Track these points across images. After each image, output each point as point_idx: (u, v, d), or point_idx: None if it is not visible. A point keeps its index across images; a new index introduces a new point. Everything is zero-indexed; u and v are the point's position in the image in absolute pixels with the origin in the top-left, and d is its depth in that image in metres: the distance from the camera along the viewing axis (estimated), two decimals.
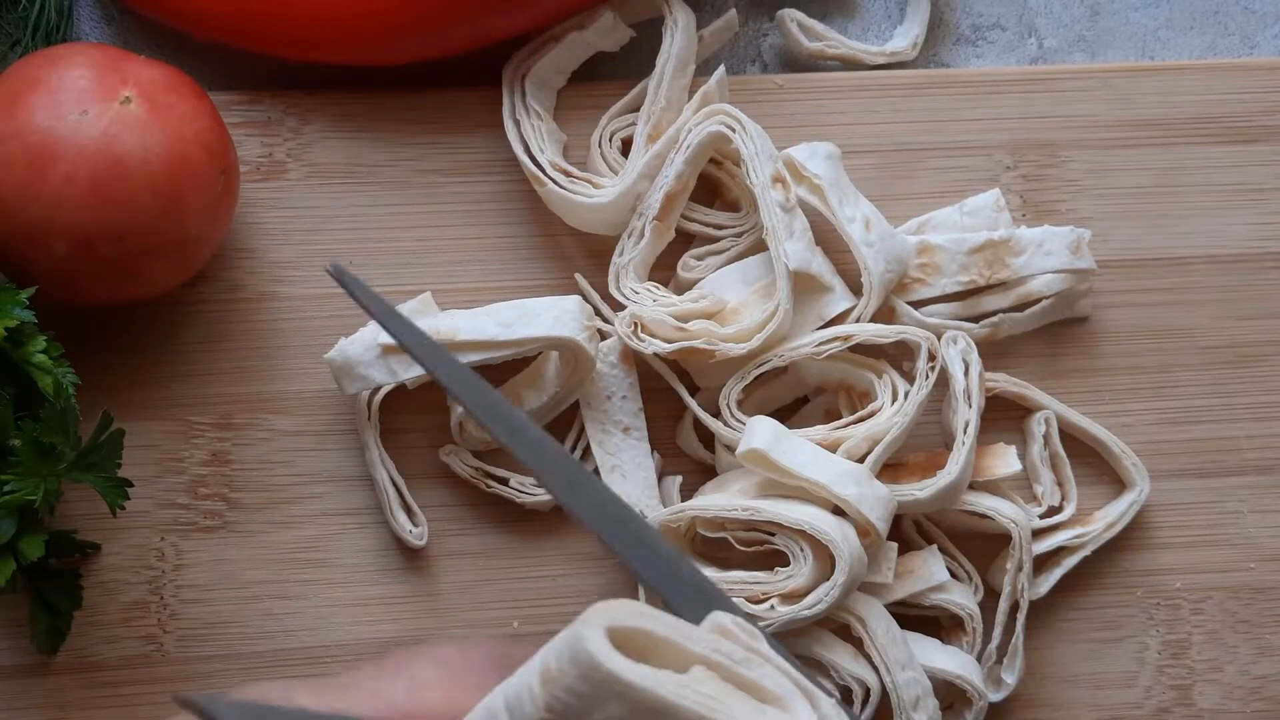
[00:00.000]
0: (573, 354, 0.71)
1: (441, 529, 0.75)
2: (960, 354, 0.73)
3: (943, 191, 0.77)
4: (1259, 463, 0.78)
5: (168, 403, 0.74)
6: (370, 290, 0.57)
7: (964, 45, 0.81)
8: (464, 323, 0.71)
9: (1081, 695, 0.77)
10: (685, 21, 0.74)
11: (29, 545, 0.66)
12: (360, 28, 0.73)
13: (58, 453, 0.65)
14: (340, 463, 0.74)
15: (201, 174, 0.68)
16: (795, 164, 0.73)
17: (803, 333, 0.72)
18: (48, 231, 0.66)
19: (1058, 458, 0.77)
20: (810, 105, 0.77)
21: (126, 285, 0.69)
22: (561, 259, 0.76)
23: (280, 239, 0.75)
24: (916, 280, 0.75)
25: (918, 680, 0.71)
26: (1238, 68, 0.80)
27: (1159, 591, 0.78)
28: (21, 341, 0.66)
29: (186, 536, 0.73)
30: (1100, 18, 0.82)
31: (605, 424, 0.74)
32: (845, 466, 0.70)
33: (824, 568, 0.69)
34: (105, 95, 0.66)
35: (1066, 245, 0.75)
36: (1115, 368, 0.78)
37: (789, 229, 0.71)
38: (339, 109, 0.75)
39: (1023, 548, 0.73)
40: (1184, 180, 0.79)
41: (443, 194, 0.76)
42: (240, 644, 0.73)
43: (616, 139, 0.75)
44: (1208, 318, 0.78)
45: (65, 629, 0.71)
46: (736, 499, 0.70)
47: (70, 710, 0.72)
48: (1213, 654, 0.78)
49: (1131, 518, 0.76)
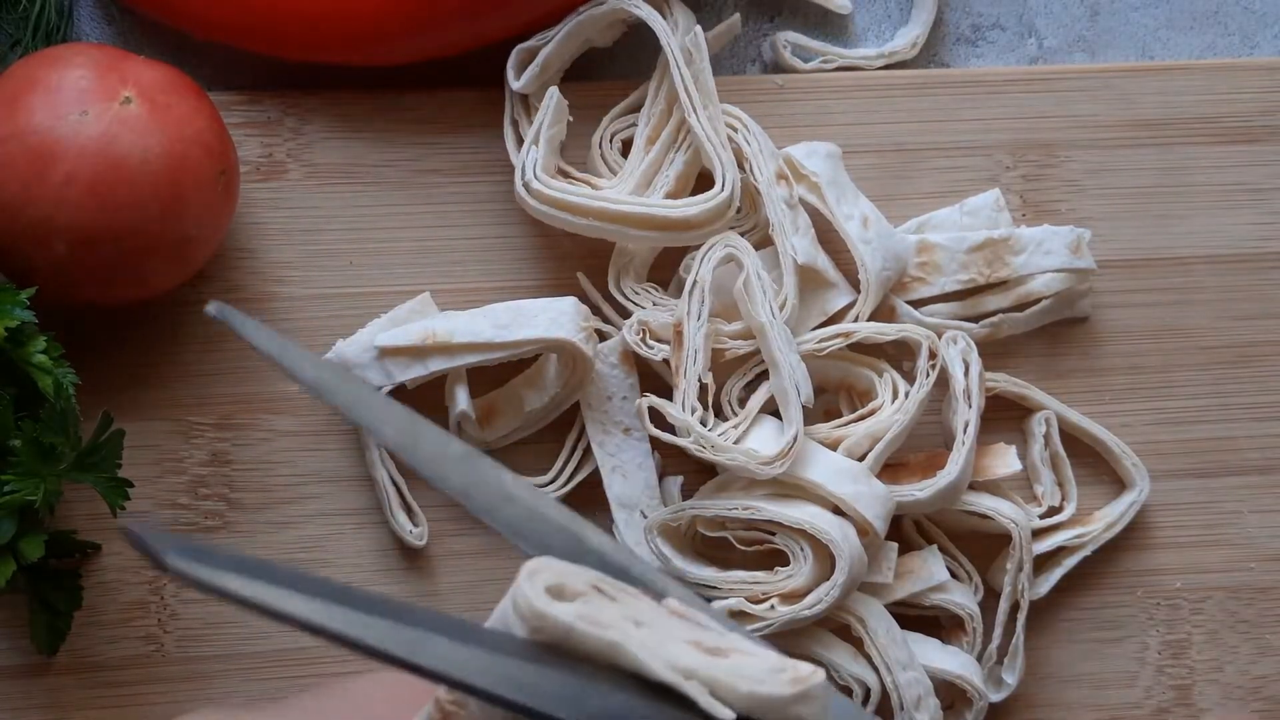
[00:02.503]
0: (570, 355, 0.71)
1: (441, 529, 0.75)
2: (960, 354, 0.73)
3: (943, 191, 0.78)
4: (1259, 463, 0.78)
5: (168, 403, 0.74)
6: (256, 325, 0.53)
7: (964, 45, 0.81)
8: (460, 324, 0.71)
9: (1081, 695, 0.77)
10: (685, 23, 0.73)
11: (29, 545, 0.66)
12: (360, 28, 0.73)
13: (58, 453, 0.65)
14: (340, 463, 0.74)
15: (201, 174, 0.68)
16: (794, 162, 0.73)
17: (805, 328, 0.73)
18: (48, 231, 0.66)
19: (1058, 458, 0.77)
20: (810, 105, 0.77)
21: (126, 285, 0.69)
22: (561, 259, 0.76)
23: (280, 239, 0.75)
24: (916, 279, 0.75)
25: (919, 680, 0.71)
26: (1238, 68, 0.80)
27: (1159, 591, 0.78)
28: (21, 341, 0.66)
29: (187, 537, 0.73)
30: (1100, 18, 0.82)
31: (606, 424, 0.74)
32: (843, 465, 0.70)
33: (824, 567, 0.69)
34: (105, 95, 0.66)
35: (1066, 245, 0.75)
36: (1115, 368, 0.78)
37: (794, 224, 0.71)
38: (339, 109, 0.75)
39: (1023, 548, 0.73)
40: (1184, 180, 0.79)
41: (442, 194, 0.76)
42: (240, 644, 0.73)
43: (617, 140, 0.75)
44: (1208, 318, 0.78)
45: (65, 629, 0.71)
46: (737, 498, 0.70)
47: (70, 710, 0.72)
48: (1213, 654, 0.78)
49: (1131, 518, 0.76)
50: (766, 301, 0.70)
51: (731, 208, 0.72)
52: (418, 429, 0.53)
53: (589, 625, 0.45)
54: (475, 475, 0.53)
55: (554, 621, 0.45)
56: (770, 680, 0.46)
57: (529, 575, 0.46)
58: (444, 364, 0.71)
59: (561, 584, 0.47)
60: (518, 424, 0.74)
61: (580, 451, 0.75)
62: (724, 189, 0.71)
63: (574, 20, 0.73)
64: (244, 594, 0.42)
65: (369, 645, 0.44)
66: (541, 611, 0.45)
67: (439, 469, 0.53)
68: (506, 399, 0.74)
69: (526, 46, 0.74)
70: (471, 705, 0.47)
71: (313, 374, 0.52)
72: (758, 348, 0.71)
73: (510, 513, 0.53)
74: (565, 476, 0.74)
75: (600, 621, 0.46)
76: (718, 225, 0.72)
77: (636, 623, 0.47)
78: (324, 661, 0.73)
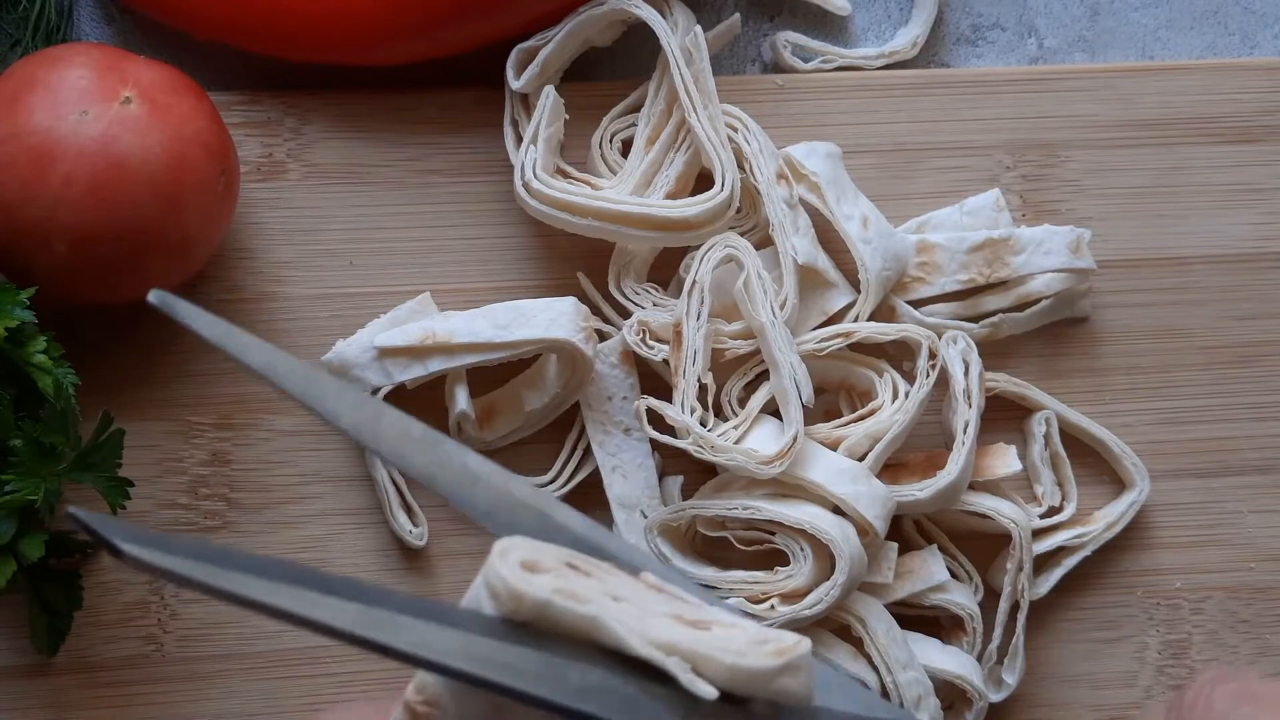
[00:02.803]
0: (570, 355, 0.71)
1: (441, 529, 0.75)
2: (960, 354, 0.73)
3: (943, 191, 0.78)
4: (1259, 463, 0.78)
5: (168, 403, 0.74)
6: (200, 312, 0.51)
7: (964, 45, 0.81)
8: (460, 324, 0.71)
9: (1081, 695, 0.77)
10: (685, 23, 0.73)
11: (29, 545, 0.66)
12: (360, 28, 0.73)
13: (58, 453, 0.65)
14: (340, 463, 0.74)
15: (201, 174, 0.68)
16: (794, 162, 0.73)
17: (805, 328, 0.73)
18: (48, 231, 0.66)
19: (1058, 458, 0.77)
20: (810, 105, 0.77)
21: (126, 285, 0.69)
22: (561, 259, 0.76)
23: (280, 239, 0.75)
24: (916, 279, 0.75)
25: (919, 680, 0.71)
26: (1238, 68, 0.80)
27: (1159, 591, 0.78)
28: (21, 341, 0.66)
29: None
30: (1100, 18, 0.82)
31: (606, 425, 0.74)
32: (843, 464, 0.70)
33: (824, 567, 0.69)
34: (105, 95, 0.66)
35: (1066, 245, 0.75)
36: (1115, 368, 0.78)
37: (794, 224, 0.72)
38: (339, 109, 0.75)
39: (1023, 548, 0.73)
40: (1184, 180, 0.79)
41: (442, 194, 0.76)
42: (240, 644, 0.73)
43: (617, 140, 0.75)
44: (1208, 318, 0.78)
45: (65, 629, 0.71)
46: (737, 498, 0.70)
47: (70, 710, 0.72)
48: (1213, 654, 0.78)
49: (1131, 518, 0.76)
50: (766, 301, 0.70)
51: (731, 208, 0.72)
52: (378, 412, 0.53)
53: (566, 600, 0.45)
54: (437, 456, 0.53)
55: (530, 598, 0.44)
56: (753, 653, 0.45)
57: (501, 554, 0.45)
58: (444, 364, 0.71)
59: (535, 560, 0.46)
60: (518, 424, 0.74)
61: (580, 451, 0.75)
62: (724, 189, 0.71)
63: (574, 20, 0.73)
64: (205, 580, 0.42)
65: (340, 630, 0.43)
66: (516, 589, 0.44)
67: (400, 450, 0.53)
68: (506, 399, 0.74)
69: (526, 46, 0.74)
70: (445, 703, 0.46)
71: (261, 360, 0.51)
72: (758, 348, 0.71)
73: (477, 494, 0.53)
74: (565, 476, 0.74)
75: (577, 596, 0.45)
76: (718, 225, 0.72)
77: (614, 598, 0.46)
78: (323, 661, 0.73)
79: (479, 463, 0.53)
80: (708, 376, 0.70)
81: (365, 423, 0.52)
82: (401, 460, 0.53)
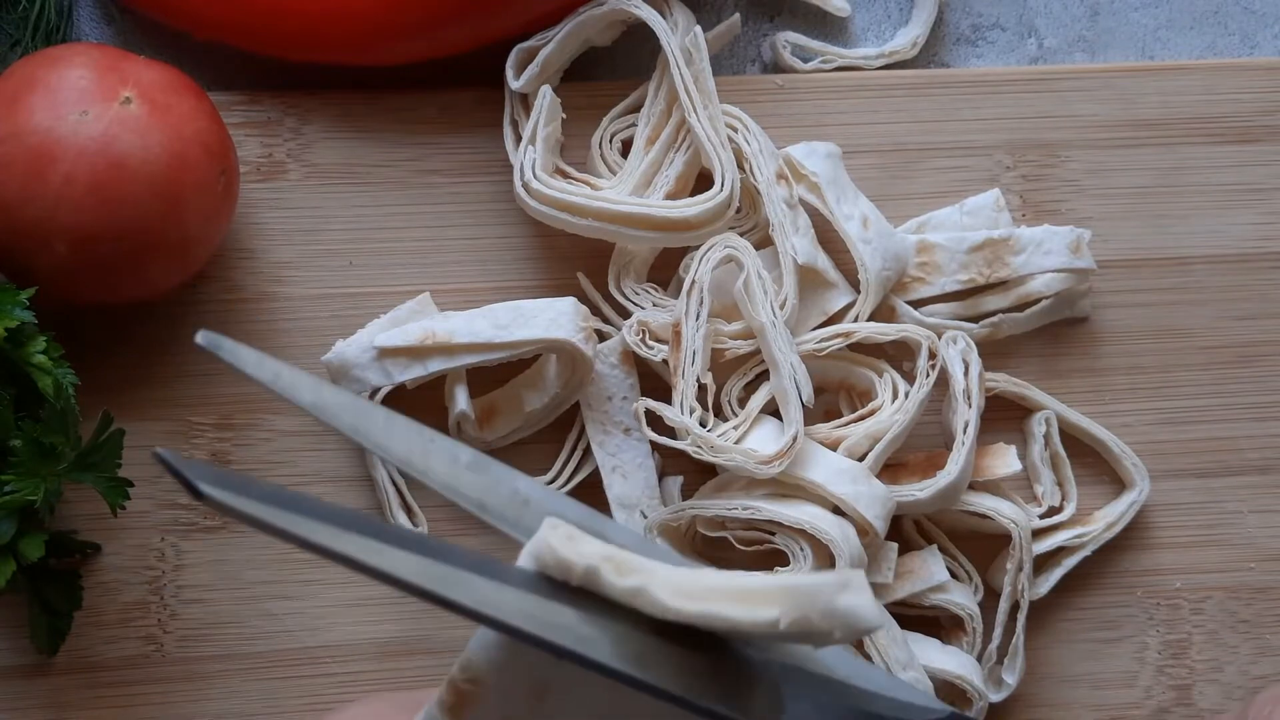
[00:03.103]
0: (570, 356, 0.71)
1: (441, 529, 0.75)
2: (960, 354, 0.73)
3: (943, 191, 0.78)
4: (1259, 463, 0.78)
5: (168, 403, 0.74)
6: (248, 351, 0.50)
7: (964, 45, 0.81)
8: (460, 324, 0.71)
9: (1081, 695, 0.77)
10: (685, 23, 0.74)
11: (29, 545, 0.66)
12: (360, 28, 0.73)
13: (58, 453, 0.65)
14: (340, 463, 0.74)
15: (201, 174, 0.68)
16: (794, 162, 0.73)
17: (805, 328, 0.73)
18: (48, 231, 0.66)
19: (1058, 458, 0.77)
20: (810, 105, 0.77)
21: (126, 285, 0.69)
22: (561, 259, 0.76)
23: (280, 239, 0.75)
24: (916, 279, 0.75)
25: (919, 680, 0.71)
26: (1238, 68, 0.80)
27: (1159, 591, 0.78)
28: (21, 341, 0.66)
29: (186, 536, 0.73)
30: (1100, 18, 0.82)
31: (606, 425, 0.74)
32: (843, 465, 0.70)
33: (824, 567, 0.69)
34: (105, 95, 0.66)
35: (1066, 245, 0.75)
36: (1115, 368, 0.78)
37: (794, 224, 0.72)
38: (339, 109, 0.75)
39: (1023, 548, 0.73)
40: (1184, 180, 0.79)
41: (442, 194, 0.76)
42: (240, 644, 0.73)
43: (617, 140, 0.75)
44: (1208, 318, 0.78)
45: (65, 629, 0.71)
46: (737, 498, 0.70)
47: (70, 710, 0.72)
48: (1213, 654, 0.78)
49: (1131, 518, 0.76)
50: (766, 301, 0.70)
51: (731, 208, 0.72)
52: (426, 442, 0.53)
53: (614, 570, 0.45)
54: (487, 480, 0.53)
55: (579, 566, 0.45)
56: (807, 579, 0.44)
57: (551, 527, 0.46)
58: (444, 364, 0.71)
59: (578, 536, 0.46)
60: (518, 424, 0.74)
61: (580, 451, 0.75)
62: (724, 189, 0.71)
63: (574, 20, 0.73)
64: (277, 524, 0.42)
65: (403, 580, 0.43)
66: (565, 557, 0.45)
67: (452, 480, 0.53)
68: (506, 399, 0.74)
69: (526, 46, 0.74)
70: (491, 682, 0.46)
71: (312, 398, 0.51)
72: (758, 348, 0.71)
73: (525, 517, 0.53)
74: (565, 476, 0.74)
75: (625, 564, 0.45)
76: (717, 225, 0.72)
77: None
78: (323, 661, 0.73)
79: (529, 485, 0.54)
80: (707, 377, 0.70)
81: (415, 454, 0.53)
82: (454, 492, 0.53)
